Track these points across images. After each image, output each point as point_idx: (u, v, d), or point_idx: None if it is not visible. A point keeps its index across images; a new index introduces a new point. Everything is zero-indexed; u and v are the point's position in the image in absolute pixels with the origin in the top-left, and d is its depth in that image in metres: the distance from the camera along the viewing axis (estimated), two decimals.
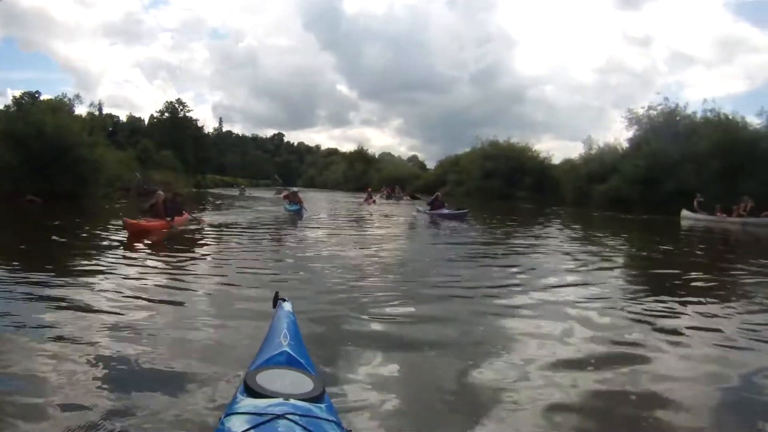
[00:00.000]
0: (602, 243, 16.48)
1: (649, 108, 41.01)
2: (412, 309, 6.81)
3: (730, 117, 35.97)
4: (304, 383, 2.62)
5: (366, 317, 6.32)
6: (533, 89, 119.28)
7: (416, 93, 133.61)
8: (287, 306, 3.61)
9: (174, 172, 50.27)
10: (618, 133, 54.42)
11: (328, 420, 2.36)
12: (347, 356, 4.96)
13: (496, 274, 9.64)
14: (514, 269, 10.33)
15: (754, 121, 35.56)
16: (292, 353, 2.96)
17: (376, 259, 11.30)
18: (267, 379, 2.59)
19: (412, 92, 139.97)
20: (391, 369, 4.73)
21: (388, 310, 6.69)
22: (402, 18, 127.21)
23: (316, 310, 6.38)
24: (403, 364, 4.85)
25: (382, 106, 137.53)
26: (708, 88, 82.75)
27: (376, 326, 6.01)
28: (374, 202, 37.94)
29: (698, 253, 15.22)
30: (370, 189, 45.47)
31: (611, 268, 11.07)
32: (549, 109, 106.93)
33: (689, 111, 39.42)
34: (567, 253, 13.20)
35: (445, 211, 23.99)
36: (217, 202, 34.67)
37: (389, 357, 4.99)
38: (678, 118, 39.04)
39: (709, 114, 37.36)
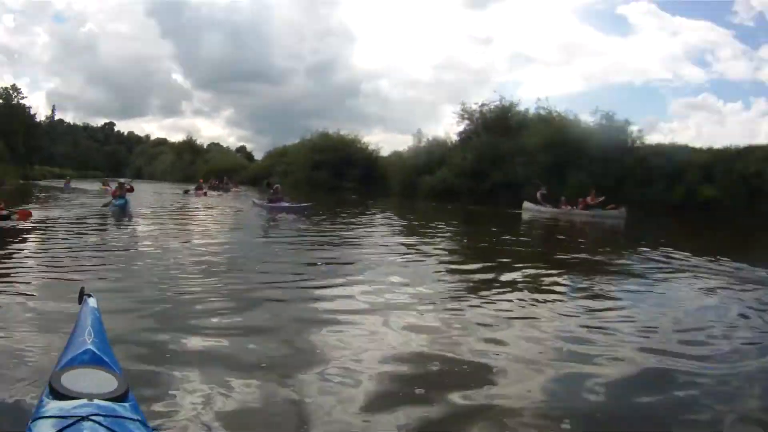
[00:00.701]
0: (436, 237, 15.85)
1: (483, 104, 41.62)
2: (229, 305, 6.50)
3: (562, 114, 37.86)
4: (109, 382, 2.52)
5: (178, 311, 6.06)
6: (368, 83, 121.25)
7: (250, 84, 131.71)
8: (92, 302, 3.39)
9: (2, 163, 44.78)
10: (449, 127, 54.53)
11: (132, 419, 2.31)
12: (154, 354, 4.64)
13: (324, 272, 8.97)
14: (346, 266, 9.88)
15: (588, 119, 37.14)
16: (96, 351, 2.81)
17: (200, 254, 10.44)
18: (71, 379, 2.47)
19: (246, 83, 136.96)
20: (201, 366, 4.44)
21: (202, 306, 6.40)
22: (245, 8, 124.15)
23: (125, 307, 5.95)
24: (212, 361, 4.58)
25: (215, 96, 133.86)
26: (545, 88, 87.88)
27: (190, 321, 5.69)
28: (205, 194, 35.45)
29: (537, 243, 15.85)
30: (201, 180, 42.98)
31: (443, 262, 10.74)
32: (382, 102, 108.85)
33: (522, 108, 40.59)
34: (400, 246, 13.03)
35: (285, 204, 22.10)
36: (42, 195, 31.15)
37: (199, 353, 4.80)
38: (510, 114, 39.85)
39: (541, 111, 38.75)
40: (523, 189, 32.60)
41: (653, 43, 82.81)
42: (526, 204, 27.85)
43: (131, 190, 21.16)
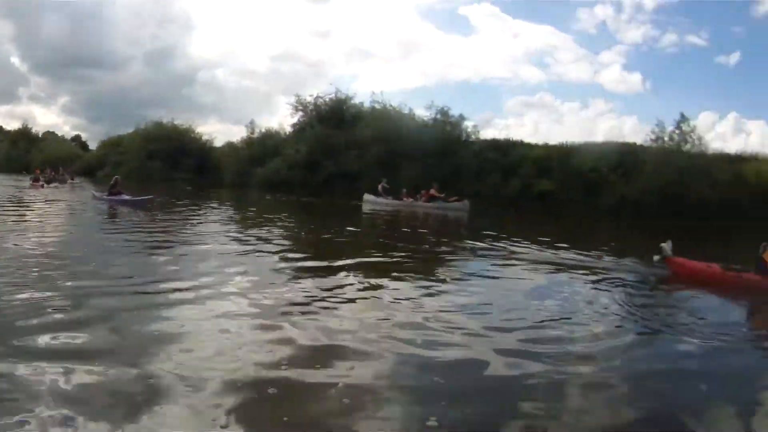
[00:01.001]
0: (276, 228, 15.08)
1: (318, 96, 40.63)
2: (61, 304, 5.92)
3: (397, 108, 37.47)
4: None
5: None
6: (205, 72, 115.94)
7: (88, 70, 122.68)
8: None
9: None
10: (283, 119, 52.71)
11: None
12: None
13: (160, 266, 8.55)
14: (180, 258, 9.38)
15: (424, 113, 36.94)
16: None
17: (30, 253, 9.21)
18: None
19: (85, 69, 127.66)
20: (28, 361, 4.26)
21: (28, 306, 5.78)
22: None
23: None
24: (42, 357, 4.38)
25: (52, 82, 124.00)
26: (383, 83, 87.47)
27: (16, 321, 5.25)
28: (43, 186, 32.14)
29: (378, 233, 16.08)
30: (38, 171, 39.47)
31: (283, 254, 10.31)
32: (218, 92, 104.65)
33: (357, 101, 39.98)
34: (240, 238, 12.55)
35: (126, 197, 20.47)
36: None
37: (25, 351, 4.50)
38: (345, 107, 39.15)
39: (376, 105, 38.33)
40: (357, 181, 32.50)
41: (494, 44, 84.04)
42: (367, 196, 26.95)
43: None
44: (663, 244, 9.71)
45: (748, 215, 25.30)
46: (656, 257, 9.80)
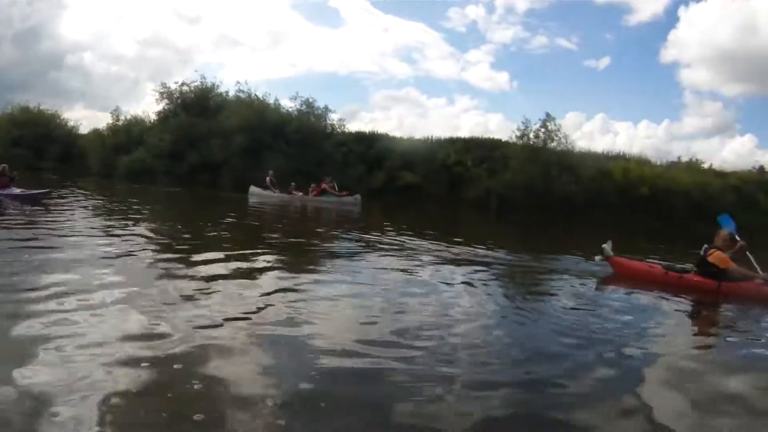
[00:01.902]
0: (149, 221, 14.33)
1: (183, 83, 39.90)
2: None
3: (261, 98, 37.38)
4: None
5: None
6: (73, 55, 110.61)
7: None
8: None
9: None
10: (149, 106, 51.49)
11: None
12: None
13: (31, 264, 7.45)
14: (53, 257, 8.15)
15: (288, 104, 37.06)
16: None
17: None
18: None
19: None
20: None
21: None
22: None
23: None
24: None
25: None
26: (250, 72, 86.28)
27: None
28: None
29: (260, 227, 15.52)
30: None
31: (157, 247, 9.75)
32: (85, 77, 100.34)
33: (222, 90, 39.74)
34: (109, 234, 11.02)
35: (16, 190, 17.21)
36: None
37: None
38: (210, 96, 38.83)
39: (241, 94, 38.05)
40: (220, 170, 33.05)
41: (363, 38, 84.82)
42: (253, 189, 26.44)
43: None
44: (604, 245, 9.83)
45: (613, 210, 27.11)
46: (597, 257, 9.97)
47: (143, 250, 9.24)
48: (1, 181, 17.11)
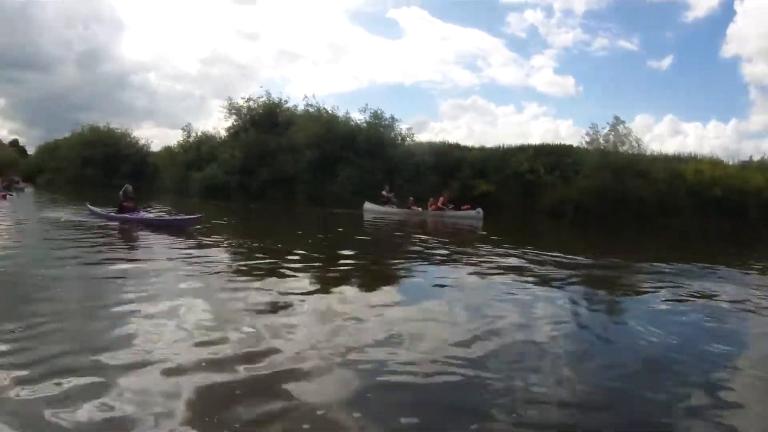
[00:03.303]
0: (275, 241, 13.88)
1: (250, 99, 40.21)
2: None
3: (330, 111, 37.12)
4: None
5: None
6: (136, 75, 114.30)
7: (20, 72, 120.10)
8: None
9: None
10: (218, 122, 52.38)
11: None
12: None
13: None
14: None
15: (357, 116, 36.74)
16: None
17: None
18: None
19: (16, 70, 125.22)
20: None
21: None
22: None
23: None
24: None
25: None
26: (313, 86, 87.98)
27: None
28: (4, 197, 26.99)
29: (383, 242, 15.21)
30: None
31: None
32: (151, 96, 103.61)
33: (290, 105, 39.67)
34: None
35: (167, 217, 16.45)
36: None
37: None
38: (278, 111, 38.97)
39: (309, 108, 37.87)
40: (292, 185, 33.29)
41: (424, 47, 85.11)
42: (368, 205, 25.81)
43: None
44: None
45: (684, 213, 26.29)
46: None
47: (275, 264, 9.37)
48: (127, 206, 15.47)
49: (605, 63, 70.49)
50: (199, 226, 14.28)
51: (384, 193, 26.13)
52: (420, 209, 24.73)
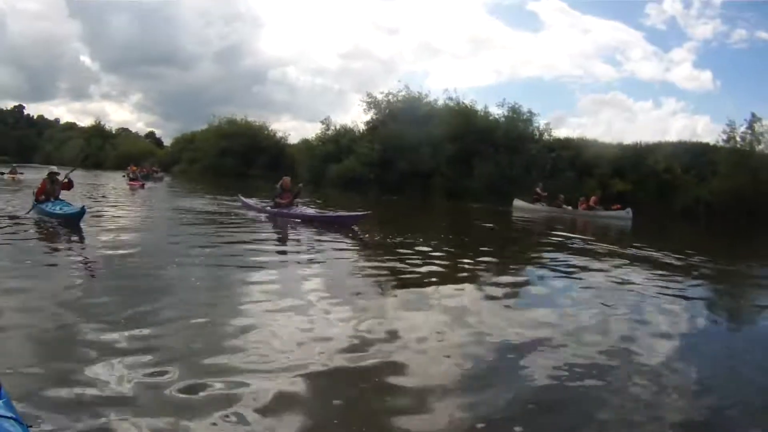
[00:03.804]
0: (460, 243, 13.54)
1: (389, 93, 40.74)
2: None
3: (469, 105, 37.42)
4: None
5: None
6: (275, 70, 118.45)
7: (158, 68, 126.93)
8: None
9: None
10: (356, 116, 52.86)
11: (6, 417, 2.17)
12: (22, 346, 4.30)
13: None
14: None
15: (496, 111, 36.99)
16: None
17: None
18: None
19: (154, 66, 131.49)
20: (61, 353, 4.17)
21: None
22: None
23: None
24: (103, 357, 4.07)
25: (123, 80, 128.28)
26: (453, 79, 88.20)
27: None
28: (142, 186, 27.26)
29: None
30: (135, 168, 34.42)
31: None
32: (290, 90, 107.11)
33: (430, 99, 39.95)
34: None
35: (330, 213, 15.34)
36: None
37: (58, 338, 4.52)
38: (417, 104, 38.97)
39: (449, 102, 38.27)
40: (429, 179, 33.52)
41: (563, 40, 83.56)
42: (517, 202, 26.08)
43: (69, 186, 12.91)
44: None
45: None
46: None
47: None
48: (285, 197, 14.77)
49: (743, 56, 67.36)
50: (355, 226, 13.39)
51: (538, 191, 26.04)
52: (570, 208, 24.54)
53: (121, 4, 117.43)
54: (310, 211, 15.10)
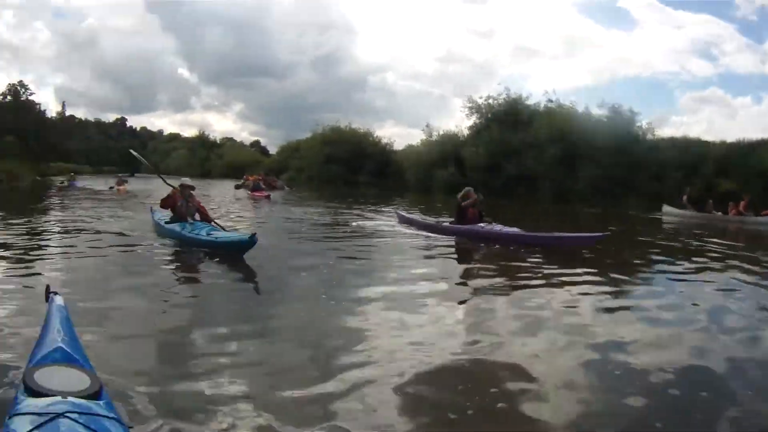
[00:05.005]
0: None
1: (489, 97, 41.36)
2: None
3: (571, 107, 37.86)
4: (81, 380, 2.54)
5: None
6: (374, 76, 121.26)
7: (257, 78, 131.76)
8: (59, 300, 3.43)
9: (17, 160, 43.93)
10: (459, 121, 53.69)
11: (107, 417, 2.32)
12: (127, 350, 4.44)
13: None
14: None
15: (596, 112, 37.22)
16: (67, 349, 2.85)
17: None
18: (45, 376, 2.49)
19: (253, 77, 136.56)
20: (168, 359, 4.35)
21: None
22: (243, 2, 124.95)
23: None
24: (184, 356, 4.36)
25: (223, 91, 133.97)
26: (551, 81, 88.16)
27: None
28: (268, 197, 25.21)
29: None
30: (260, 176, 32.47)
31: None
32: (389, 96, 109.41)
33: (531, 101, 40.24)
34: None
35: (545, 234, 11.50)
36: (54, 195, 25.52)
37: (166, 346, 4.65)
38: (520, 107, 39.41)
39: (550, 104, 38.59)
40: (535, 182, 33.79)
41: (657, 37, 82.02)
42: (666, 208, 24.59)
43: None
44: None
45: None
46: None
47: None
48: (471, 211, 12.17)
49: None
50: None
51: (685, 197, 24.71)
52: (720, 214, 22.99)
53: (214, 18, 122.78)
54: (512, 229, 11.60)
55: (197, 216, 10.38)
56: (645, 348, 4.82)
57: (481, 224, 11.93)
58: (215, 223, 10.26)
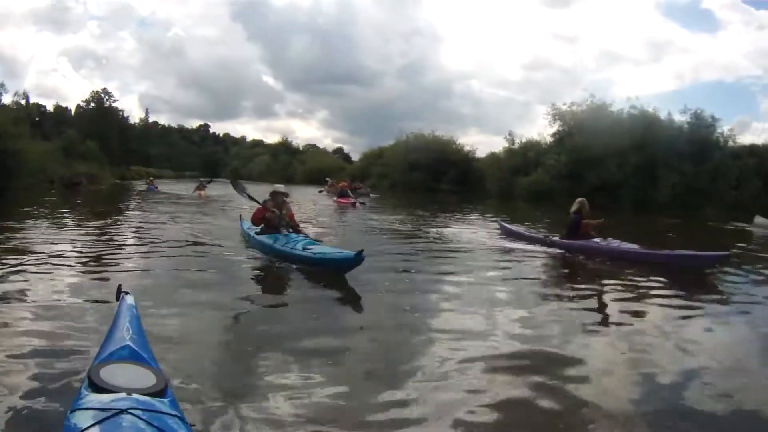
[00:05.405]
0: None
1: (573, 104, 41.54)
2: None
3: (653, 114, 37.57)
4: (147, 378, 2.65)
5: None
6: (459, 84, 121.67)
7: (342, 86, 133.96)
8: (129, 299, 3.60)
9: (98, 163, 46.52)
10: (542, 128, 53.93)
11: (171, 414, 2.37)
12: (197, 353, 4.64)
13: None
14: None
15: (678, 118, 36.95)
16: (134, 347, 2.95)
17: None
18: (110, 373, 2.59)
19: (338, 85, 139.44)
20: (237, 365, 4.46)
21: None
22: (328, 11, 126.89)
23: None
24: (249, 359, 4.55)
25: (307, 98, 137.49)
26: (636, 86, 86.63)
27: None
28: (354, 204, 24.88)
29: None
30: (346, 183, 32.11)
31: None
32: (475, 103, 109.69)
33: (614, 108, 39.90)
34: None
35: (670, 251, 10.49)
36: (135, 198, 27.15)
37: (237, 352, 4.77)
38: (602, 114, 39.12)
39: (633, 111, 38.08)
40: (617, 190, 33.35)
41: (741, 39, 79.72)
42: (758, 219, 22.45)
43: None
44: None
45: None
46: None
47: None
48: (585, 226, 11.15)
49: None
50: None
51: None
52: None
53: (300, 27, 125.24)
54: (631, 246, 10.69)
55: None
56: None
57: (596, 239, 10.98)
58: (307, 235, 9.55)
